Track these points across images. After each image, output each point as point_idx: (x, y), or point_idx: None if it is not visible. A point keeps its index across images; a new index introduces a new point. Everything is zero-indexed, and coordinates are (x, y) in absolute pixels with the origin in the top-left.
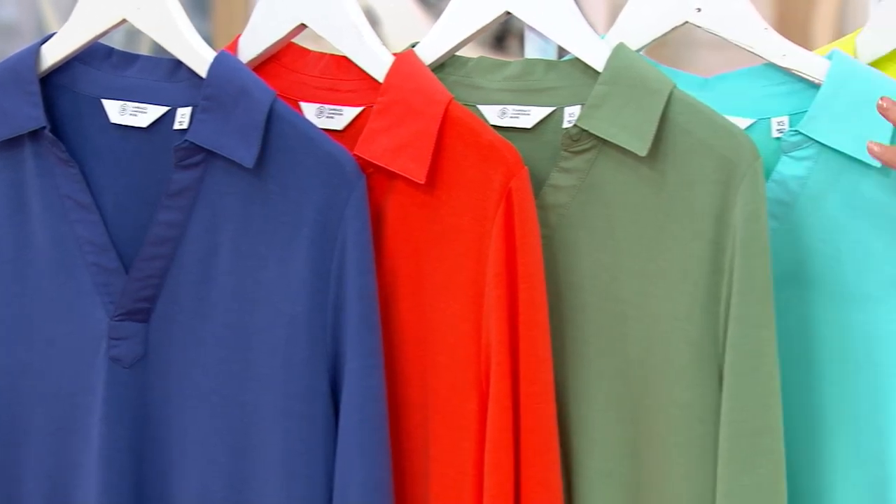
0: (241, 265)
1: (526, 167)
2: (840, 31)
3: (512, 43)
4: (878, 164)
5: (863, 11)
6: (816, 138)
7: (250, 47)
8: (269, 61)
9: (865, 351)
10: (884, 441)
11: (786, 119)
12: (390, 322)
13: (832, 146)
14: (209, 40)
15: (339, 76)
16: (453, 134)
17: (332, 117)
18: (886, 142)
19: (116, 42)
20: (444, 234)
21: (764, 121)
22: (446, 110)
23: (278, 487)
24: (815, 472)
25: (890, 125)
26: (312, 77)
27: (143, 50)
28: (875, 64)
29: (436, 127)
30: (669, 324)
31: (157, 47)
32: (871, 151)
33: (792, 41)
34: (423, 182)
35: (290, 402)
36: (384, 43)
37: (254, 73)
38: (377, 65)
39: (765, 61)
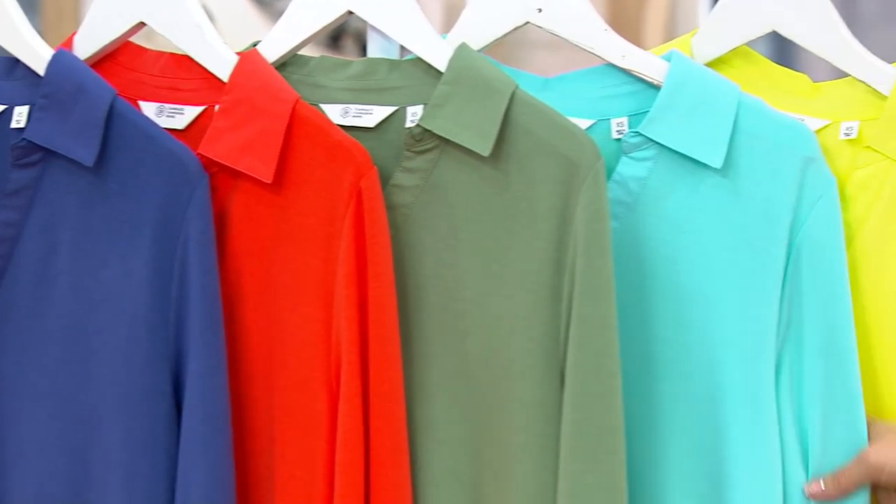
0: (81, 265)
1: (375, 167)
2: (670, 31)
3: (347, 42)
4: (716, 163)
5: (693, 12)
6: (656, 139)
7: (86, 45)
8: (105, 60)
9: (703, 350)
10: (721, 439)
11: (625, 120)
12: (236, 322)
13: (671, 147)
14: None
15: (180, 75)
16: (301, 133)
17: (172, 116)
18: (724, 144)
19: None
20: (293, 234)
21: (604, 122)
22: (293, 109)
23: (119, 488)
24: (655, 470)
25: (728, 127)
26: (152, 76)
27: None
28: (710, 65)
29: (283, 126)
30: (512, 323)
31: None
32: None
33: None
34: (269, 181)
35: (131, 402)
36: None
37: (93, 72)
38: (220, 63)
39: (603, 62)
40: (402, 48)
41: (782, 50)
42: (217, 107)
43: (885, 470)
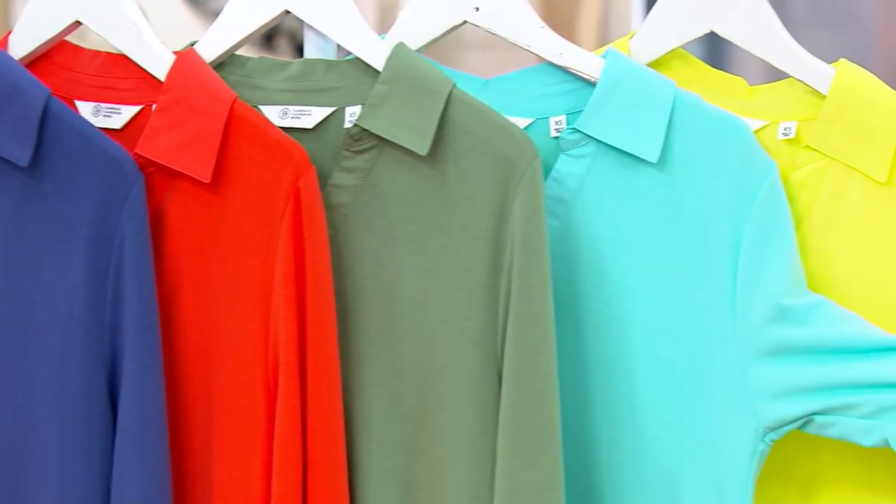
0: (16, 266)
1: (314, 166)
2: (604, 31)
3: (281, 41)
4: (652, 157)
5: (626, 12)
6: (593, 136)
7: (21, 45)
8: (40, 59)
9: (645, 347)
10: (668, 439)
11: (563, 118)
12: (172, 322)
13: (609, 143)
14: None
15: (116, 74)
16: (239, 133)
17: (109, 116)
18: (660, 138)
19: None
20: (231, 234)
21: (542, 120)
22: (231, 108)
23: (55, 490)
24: (592, 468)
25: (664, 121)
26: (88, 75)
27: None
28: (648, 66)
29: (221, 125)
30: (450, 323)
31: None
32: None
33: None
34: (207, 181)
35: (66, 403)
36: None
37: (27, 71)
38: (157, 63)
39: (537, 61)
40: (340, 48)
41: (716, 53)
42: (154, 106)
43: None
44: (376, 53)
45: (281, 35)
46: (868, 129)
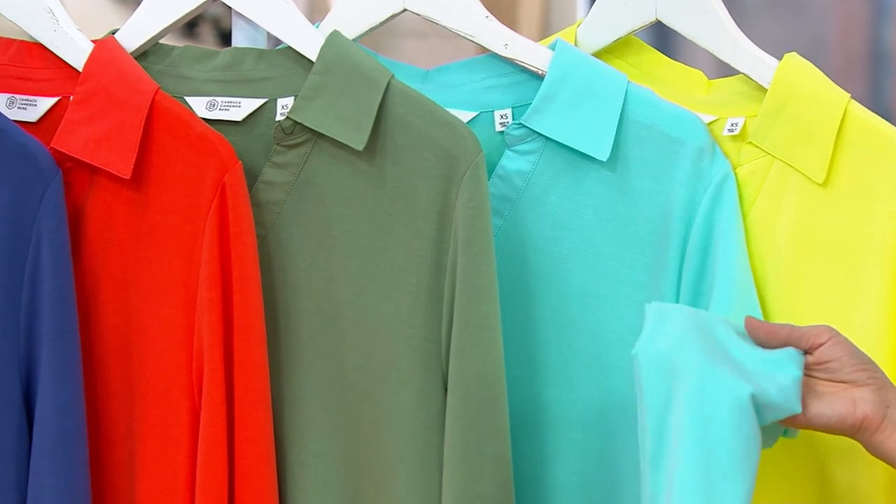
0: None
1: (240, 161)
2: (547, 21)
3: (204, 29)
4: (603, 156)
5: (570, 2)
6: (540, 131)
7: None
8: None
9: (591, 352)
10: (612, 447)
11: (509, 112)
12: (92, 326)
13: (556, 139)
14: None
15: (32, 64)
16: (161, 126)
17: (24, 108)
18: (611, 135)
19: None
20: (153, 233)
21: (487, 113)
22: (153, 100)
23: None
24: (544, 479)
25: (614, 117)
26: (1, 65)
27: None
28: (597, 55)
29: (142, 118)
30: (391, 326)
31: None
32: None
33: None
34: (128, 177)
35: None
36: None
37: None
38: (75, 52)
39: (479, 51)
40: (271, 37)
41: (671, 45)
42: (72, 98)
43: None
44: (310, 42)
45: (204, 22)
46: (807, 126)
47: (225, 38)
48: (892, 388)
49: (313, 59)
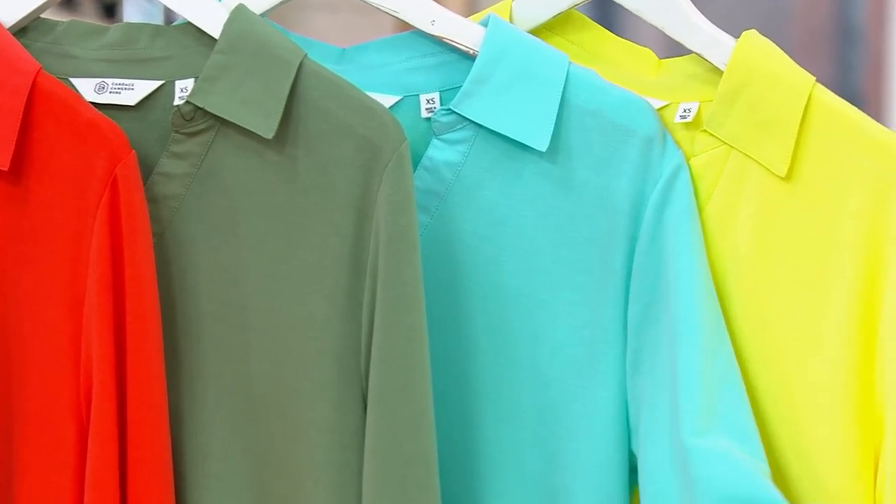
0: None
1: (134, 151)
2: None
3: (85, 1)
4: (541, 146)
5: None
6: (471, 118)
7: None
8: None
9: (529, 360)
10: (553, 465)
11: (436, 96)
12: None
13: (489, 127)
14: None
15: None
16: (43, 110)
17: None
18: (550, 123)
19: None
20: (35, 231)
21: (411, 98)
22: (34, 82)
23: None
24: (476, 496)
25: (554, 102)
26: None
27: None
28: (535, 32)
29: (21, 102)
30: (303, 334)
31: None
32: None
33: None
34: (6, 169)
35: None
36: None
37: None
38: None
39: (402, 27)
40: (167, 11)
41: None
42: None
43: None
44: (212, 18)
45: None
46: (768, 113)
47: (109, 10)
48: None
49: (216, 36)
